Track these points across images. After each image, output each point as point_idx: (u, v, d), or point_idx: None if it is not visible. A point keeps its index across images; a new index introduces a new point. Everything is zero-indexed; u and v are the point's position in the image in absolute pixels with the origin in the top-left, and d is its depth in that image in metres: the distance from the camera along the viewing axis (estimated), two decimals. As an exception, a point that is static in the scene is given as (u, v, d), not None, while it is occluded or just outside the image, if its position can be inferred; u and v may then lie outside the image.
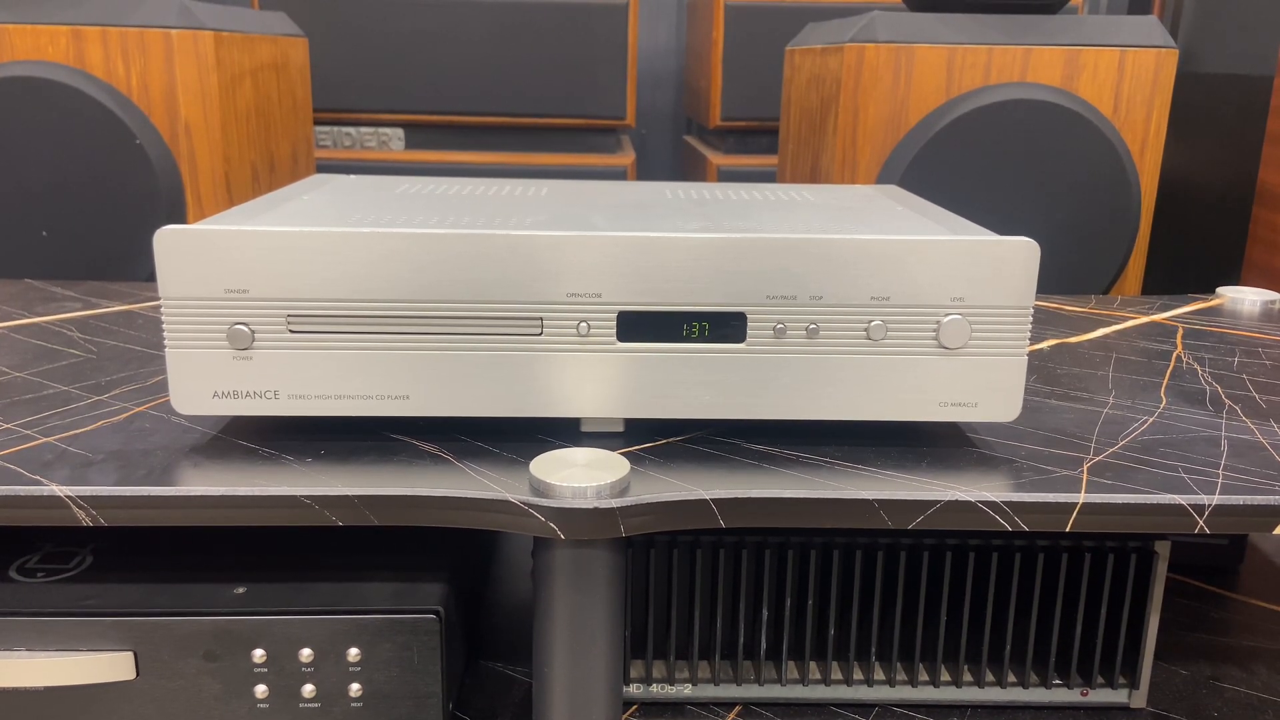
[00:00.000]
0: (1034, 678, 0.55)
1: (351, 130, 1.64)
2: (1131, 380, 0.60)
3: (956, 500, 0.44)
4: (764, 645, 0.54)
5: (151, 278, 1.04)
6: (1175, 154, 1.40)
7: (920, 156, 1.05)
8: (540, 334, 0.46)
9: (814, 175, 1.19)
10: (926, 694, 0.55)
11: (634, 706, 0.55)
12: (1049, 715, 0.54)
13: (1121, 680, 0.55)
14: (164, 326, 0.45)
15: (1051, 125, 1.05)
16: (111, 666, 0.47)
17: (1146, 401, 0.57)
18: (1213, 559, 0.70)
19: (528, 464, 0.46)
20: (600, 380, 0.47)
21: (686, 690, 0.55)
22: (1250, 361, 0.65)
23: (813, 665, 0.55)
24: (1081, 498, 0.44)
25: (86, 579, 0.50)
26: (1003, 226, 1.08)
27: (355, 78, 1.59)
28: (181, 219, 1.05)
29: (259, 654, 0.48)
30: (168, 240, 0.44)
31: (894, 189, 0.65)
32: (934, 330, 0.47)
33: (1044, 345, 0.68)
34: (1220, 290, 0.83)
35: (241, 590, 0.49)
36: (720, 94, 1.69)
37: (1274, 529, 0.45)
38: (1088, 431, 0.52)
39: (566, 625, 0.45)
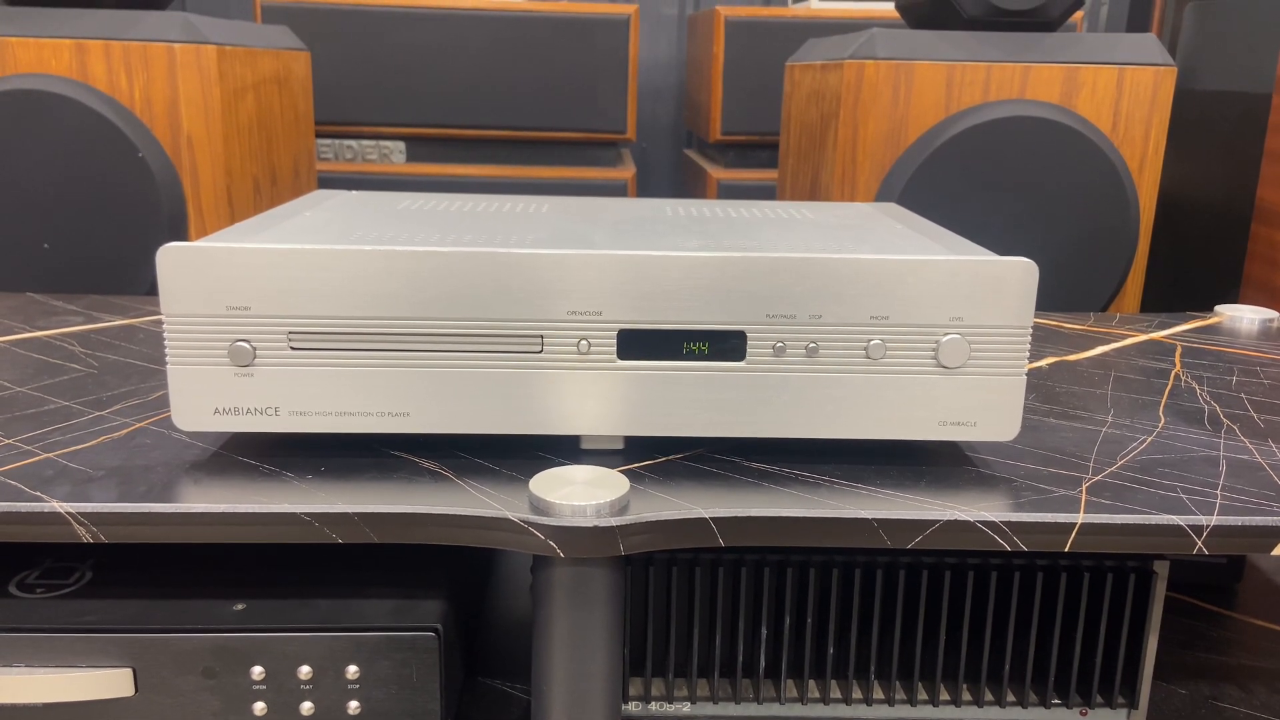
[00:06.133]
0: (1033, 697, 0.55)
1: (353, 143, 1.64)
2: (1130, 399, 0.61)
3: (955, 520, 0.44)
4: (763, 663, 0.54)
5: (153, 290, 1.04)
6: (1174, 171, 1.41)
7: (919, 172, 1.05)
8: (540, 351, 0.47)
9: (814, 190, 1.19)
10: (925, 713, 0.55)
11: (632, 724, 0.55)
12: (1048, 734, 0.54)
13: (1120, 700, 0.55)
14: (166, 343, 0.46)
15: (1050, 142, 1.05)
16: (110, 683, 0.47)
17: (1145, 420, 0.57)
18: (1211, 577, 0.70)
19: (527, 482, 0.46)
20: (600, 398, 0.47)
21: (685, 708, 0.55)
22: (1249, 380, 0.65)
23: (812, 684, 0.55)
24: (1080, 518, 0.44)
25: (86, 595, 0.50)
26: (1001, 243, 1.08)
27: (357, 91, 1.60)
28: (183, 232, 1.06)
29: (258, 671, 0.47)
30: (170, 257, 0.45)
31: (893, 207, 0.66)
32: (933, 349, 0.47)
33: (1043, 363, 0.68)
34: (1219, 308, 0.83)
35: (241, 607, 0.49)
36: (721, 108, 1.70)
37: (1273, 549, 0.45)
38: (1086, 451, 0.52)
39: (565, 643, 0.45)
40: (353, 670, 0.48)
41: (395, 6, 1.57)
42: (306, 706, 0.48)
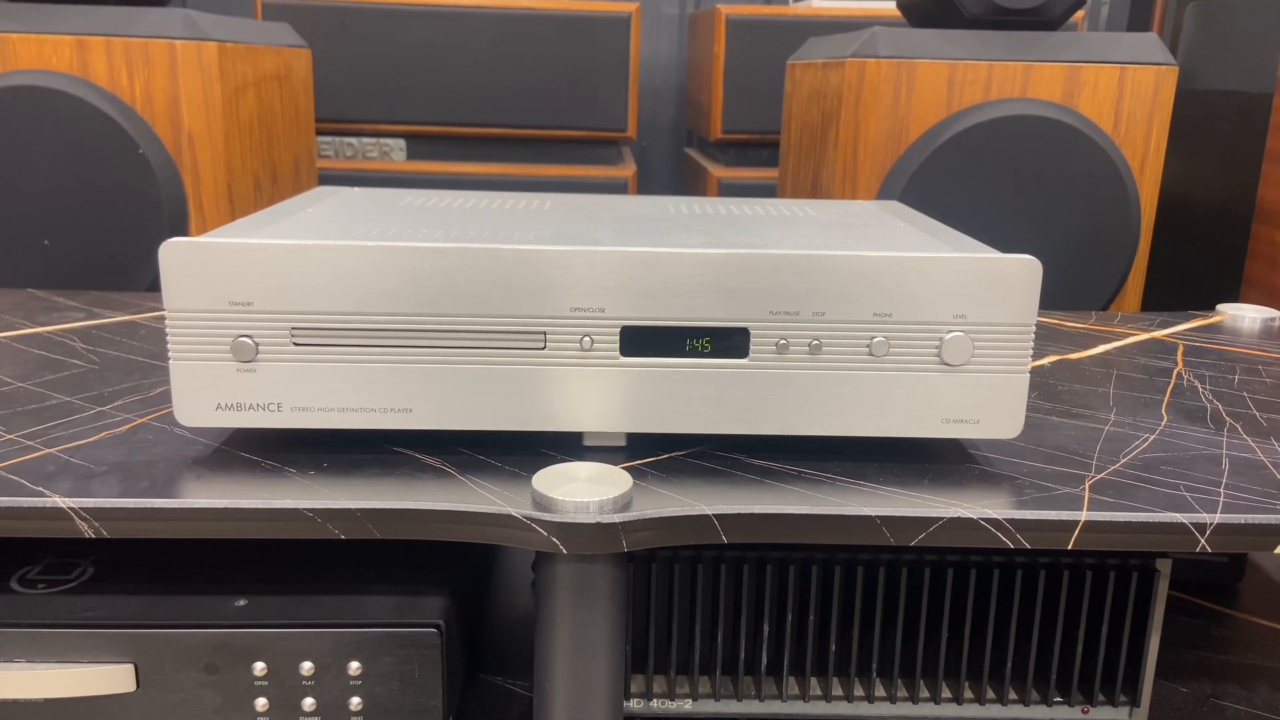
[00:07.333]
0: (1035, 695, 0.55)
1: (353, 141, 1.64)
2: (1132, 397, 0.61)
3: (958, 517, 0.44)
4: (765, 661, 0.54)
5: (153, 287, 1.04)
6: (1175, 170, 1.41)
7: (921, 171, 1.05)
8: (543, 348, 0.46)
9: (814, 189, 1.19)
10: (926, 710, 0.55)
11: (634, 721, 0.55)
12: (1049, 732, 0.54)
13: (1122, 698, 0.55)
14: (168, 338, 0.45)
15: (1052, 141, 1.05)
16: (112, 679, 0.47)
17: (1148, 419, 0.57)
18: (1213, 577, 0.70)
19: (530, 478, 0.46)
20: (603, 395, 0.47)
21: (687, 706, 0.55)
22: (1250, 379, 0.65)
23: (813, 681, 0.55)
24: (1083, 515, 0.44)
25: (87, 590, 0.50)
26: (1003, 242, 1.08)
27: (357, 88, 1.60)
28: (183, 229, 1.05)
29: (259, 667, 0.47)
30: (173, 253, 0.44)
31: (896, 205, 0.66)
32: (936, 347, 0.47)
33: (1045, 361, 0.68)
34: (1220, 307, 0.83)
35: (242, 603, 0.49)
36: (721, 107, 1.70)
37: (1275, 548, 0.45)
38: (1089, 449, 0.52)
39: (568, 640, 0.45)
40: (355, 666, 0.48)
41: (396, 4, 1.57)
42: (308, 703, 0.48)
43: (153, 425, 0.52)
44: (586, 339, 0.46)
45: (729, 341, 0.47)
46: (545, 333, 0.46)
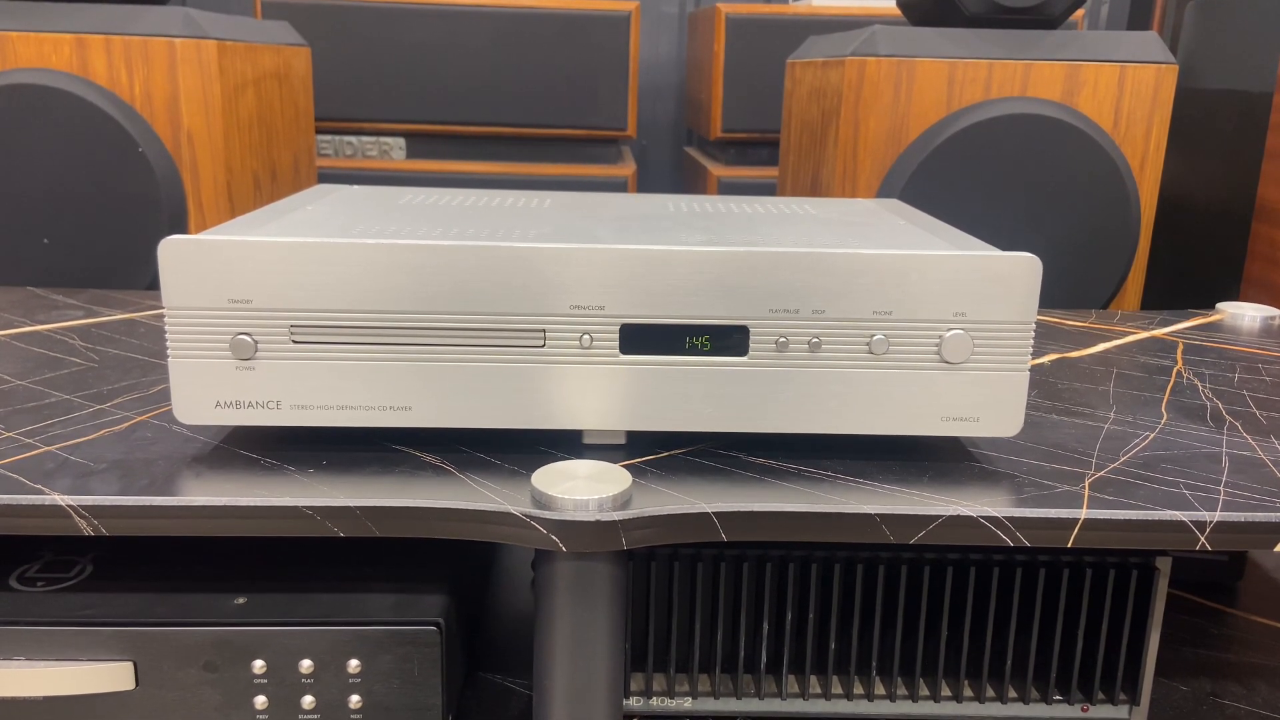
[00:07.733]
0: (1034, 693, 0.55)
1: (353, 139, 1.64)
2: (1132, 395, 0.61)
3: (958, 515, 0.44)
4: (764, 659, 0.54)
5: (152, 285, 1.04)
6: (1175, 169, 1.41)
7: (920, 170, 1.05)
8: (543, 346, 0.46)
9: (814, 188, 1.19)
10: (926, 709, 0.55)
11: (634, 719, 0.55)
12: (1049, 731, 0.54)
13: (1122, 696, 0.55)
14: (167, 336, 0.45)
15: (1051, 140, 1.05)
16: (111, 676, 0.47)
17: (1147, 417, 0.57)
18: (1213, 575, 0.70)
19: (529, 476, 0.46)
20: (602, 393, 0.47)
21: (687, 704, 0.55)
22: (1250, 377, 0.65)
23: (813, 679, 0.55)
24: (1083, 513, 0.44)
25: (86, 588, 0.50)
26: (1002, 240, 1.08)
27: (357, 87, 1.60)
28: (183, 227, 1.05)
29: (259, 665, 0.47)
30: (172, 250, 0.44)
31: (896, 203, 0.66)
32: (936, 345, 0.47)
33: (1045, 360, 0.68)
34: (1220, 306, 0.83)
35: (242, 601, 0.49)
36: (721, 106, 1.70)
37: (1275, 545, 0.45)
38: (1089, 447, 0.52)
39: (567, 638, 0.45)
40: (354, 664, 0.48)
41: (396, 4, 1.57)
42: (308, 700, 0.48)
43: (152, 423, 0.52)
44: (586, 337, 0.46)
45: (729, 339, 0.47)
46: (545, 330, 0.46)
